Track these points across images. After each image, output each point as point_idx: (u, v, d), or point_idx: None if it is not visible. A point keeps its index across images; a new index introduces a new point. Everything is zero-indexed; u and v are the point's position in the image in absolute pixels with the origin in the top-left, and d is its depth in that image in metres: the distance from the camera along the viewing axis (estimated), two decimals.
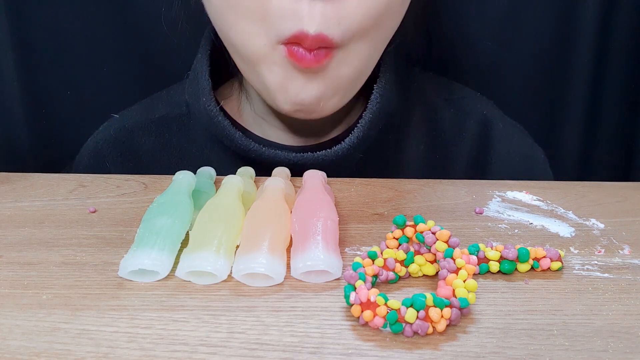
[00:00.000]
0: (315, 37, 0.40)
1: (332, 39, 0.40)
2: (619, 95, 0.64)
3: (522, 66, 0.64)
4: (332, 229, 0.35)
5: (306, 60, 0.41)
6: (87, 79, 0.62)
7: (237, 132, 0.48)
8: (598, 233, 0.39)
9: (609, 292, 0.32)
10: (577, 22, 0.61)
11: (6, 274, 0.33)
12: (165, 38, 0.54)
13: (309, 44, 0.40)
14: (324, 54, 0.41)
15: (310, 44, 0.40)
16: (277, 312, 0.30)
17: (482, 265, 0.34)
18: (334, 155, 0.47)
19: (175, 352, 0.27)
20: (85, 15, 0.60)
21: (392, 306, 0.29)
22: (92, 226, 0.39)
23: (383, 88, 0.49)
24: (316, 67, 0.41)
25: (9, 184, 0.45)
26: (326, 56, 0.41)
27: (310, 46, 0.40)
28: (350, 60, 0.43)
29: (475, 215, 0.41)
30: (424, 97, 0.56)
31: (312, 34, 0.39)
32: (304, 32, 0.40)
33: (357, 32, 0.41)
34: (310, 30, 0.39)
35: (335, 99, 0.45)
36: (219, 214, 0.36)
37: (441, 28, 0.63)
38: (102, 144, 0.54)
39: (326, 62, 0.42)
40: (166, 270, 0.33)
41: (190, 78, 0.52)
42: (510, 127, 0.56)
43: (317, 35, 0.40)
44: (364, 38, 0.42)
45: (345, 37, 0.41)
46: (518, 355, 0.27)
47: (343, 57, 0.42)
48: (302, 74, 0.42)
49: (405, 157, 0.54)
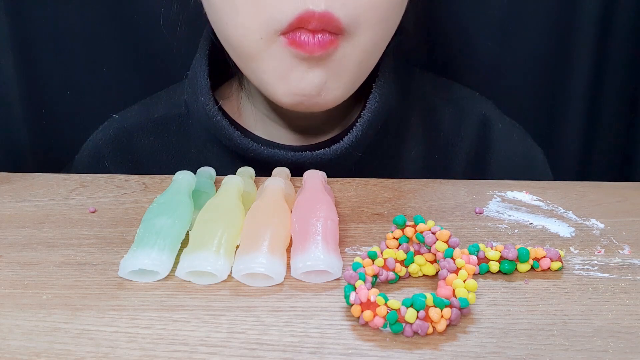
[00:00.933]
0: (322, 15, 0.39)
1: (338, 18, 0.39)
2: (619, 95, 0.64)
3: (522, 66, 0.64)
4: (332, 229, 0.35)
5: (310, 46, 0.40)
6: (87, 79, 0.62)
7: (235, 131, 0.48)
8: (598, 233, 0.39)
9: (609, 292, 0.32)
10: (577, 22, 0.61)
11: (6, 274, 0.33)
12: (165, 38, 0.54)
13: (315, 24, 0.39)
14: (328, 40, 0.40)
15: (315, 25, 0.39)
16: (277, 312, 0.30)
17: (482, 265, 0.34)
18: (332, 154, 0.47)
19: (175, 352, 0.27)
20: (85, 15, 0.60)
21: (392, 306, 0.29)
22: (92, 226, 0.39)
23: (382, 87, 0.49)
24: (319, 54, 0.41)
25: (9, 184, 0.45)
26: (331, 44, 0.40)
27: (315, 27, 0.39)
28: (353, 51, 0.42)
29: (475, 215, 0.41)
30: (423, 97, 0.56)
31: (318, 12, 0.39)
32: (310, 11, 0.39)
33: (362, 17, 0.41)
34: (317, 8, 0.39)
35: (337, 91, 0.44)
36: (219, 214, 0.36)
37: (441, 28, 0.63)
38: (101, 144, 0.54)
39: (331, 50, 0.41)
40: (166, 270, 0.33)
41: (189, 78, 0.52)
42: (510, 127, 0.56)
43: (324, 13, 0.39)
44: (368, 28, 0.42)
45: (351, 20, 0.40)
46: (518, 355, 0.27)
47: (347, 46, 0.42)
48: (304, 62, 0.41)
49: (404, 156, 0.54)
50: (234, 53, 0.45)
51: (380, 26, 0.43)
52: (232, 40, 0.44)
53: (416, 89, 0.56)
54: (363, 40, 0.42)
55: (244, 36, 0.42)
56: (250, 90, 0.52)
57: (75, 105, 0.63)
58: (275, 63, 0.42)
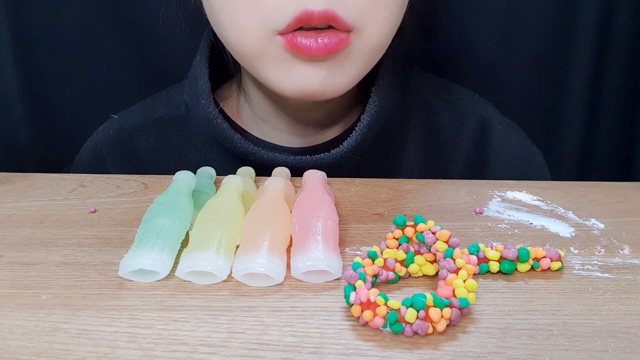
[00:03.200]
0: (321, 13, 0.38)
1: (341, 17, 0.39)
2: (619, 95, 0.64)
3: (522, 67, 0.64)
4: (332, 229, 0.35)
5: (312, 50, 0.40)
6: (87, 79, 0.62)
7: (235, 134, 0.48)
8: (598, 233, 0.39)
9: (609, 292, 0.32)
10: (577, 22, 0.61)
11: (6, 274, 0.33)
12: (165, 39, 0.54)
13: (317, 23, 0.39)
14: (334, 44, 0.40)
15: (318, 23, 0.39)
16: (277, 312, 0.30)
17: (482, 265, 0.34)
18: (332, 158, 0.47)
19: (175, 352, 0.27)
20: (85, 15, 0.60)
21: (392, 306, 0.29)
22: (92, 226, 0.39)
23: (381, 91, 0.49)
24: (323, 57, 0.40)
25: (9, 184, 0.45)
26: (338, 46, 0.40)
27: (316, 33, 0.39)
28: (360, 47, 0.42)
29: (475, 215, 0.41)
30: (423, 98, 0.56)
31: (317, 11, 0.38)
32: (308, 11, 0.39)
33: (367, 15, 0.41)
34: (316, 8, 0.38)
35: (343, 83, 0.44)
36: (219, 214, 0.36)
37: (440, 29, 0.63)
38: (101, 144, 0.54)
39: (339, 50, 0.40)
40: (166, 270, 0.33)
41: (189, 79, 0.52)
42: (509, 128, 0.56)
43: (323, 12, 0.38)
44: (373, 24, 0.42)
45: (356, 18, 0.40)
46: (518, 355, 0.27)
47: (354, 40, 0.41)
48: (305, 62, 0.41)
49: (404, 158, 0.54)
50: (235, 53, 0.45)
51: (386, 23, 0.43)
52: (231, 41, 0.44)
53: (415, 89, 0.56)
54: (369, 36, 0.42)
55: (242, 37, 0.42)
56: (248, 91, 0.52)
57: (75, 105, 0.63)
58: (276, 62, 0.42)
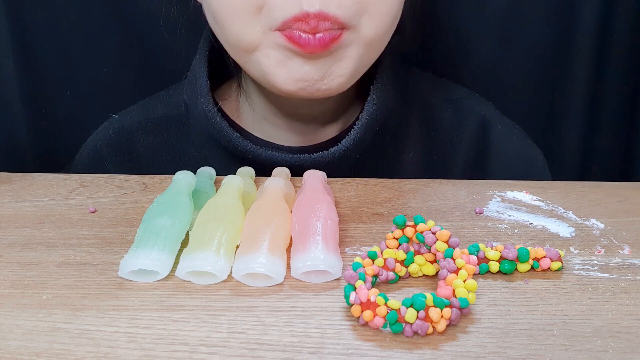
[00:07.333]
0: (317, 14, 0.40)
1: (334, 16, 0.40)
2: (619, 95, 0.64)
3: (522, 66, 0.64)
4: (332, 229, 0.35)
5: (310, 46, 0.41)
6: (87, 79, 0.62)
7: (234, 133, 0.48)
8: (598, 233, 0.39)
9: (609, 292, 0.32)
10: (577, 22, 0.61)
11: (6, 274, 0.33)
12: (165, 39, 0.54)
13: (313, 22, 0.40)
14: (329, 39, 0.41)
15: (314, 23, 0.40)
16: (277, 312, 0.30)
17: (482, 265, 0.34)
18: (330, 156, 0.47)
19: (175, 352, 0.27)
20: (85, 15, 0.60)
21: (392, 306, 0.29)
22: (92, 226, 0.39)
23: (380, 89, 0.49)
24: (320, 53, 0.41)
25: (9, 184, 0.45)
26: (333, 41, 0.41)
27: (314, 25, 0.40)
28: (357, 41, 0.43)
29: (475, 215, 0.41)
30: (423, 98, 0.56)
31: (313, 12, 0.40)
32: (304, 11, 0.40)
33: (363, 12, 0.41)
34: (311, 9, 0.40)
35: (341, 77, 0.44)
36: (219, 214, 0.36)
37: (440, 28, 0.63)
38: (101, 144, 0.54)
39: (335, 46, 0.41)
40: (166, 270, 0.33)
41: (189, 79, 0.52)
42: (509, 128, 0.56)
43: (318, 13, 0.40)
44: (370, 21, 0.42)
45: (351, 16, 0.41)
46: (518, 355, 0.27)
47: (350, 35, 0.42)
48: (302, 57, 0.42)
49: (404, 158, 0.54)
50: (233, 51, 0.45)
51: (383, 17, 0.43)
52: (230, 39, 0.44)
53: (415, 89, 0.56)
54: (366, 30, 0.43)
55: (242, 34, 0.42)
56: (248, 91, 0.52)
57: (75, 105, 0.63)
58: (274, 52, 0.42)
